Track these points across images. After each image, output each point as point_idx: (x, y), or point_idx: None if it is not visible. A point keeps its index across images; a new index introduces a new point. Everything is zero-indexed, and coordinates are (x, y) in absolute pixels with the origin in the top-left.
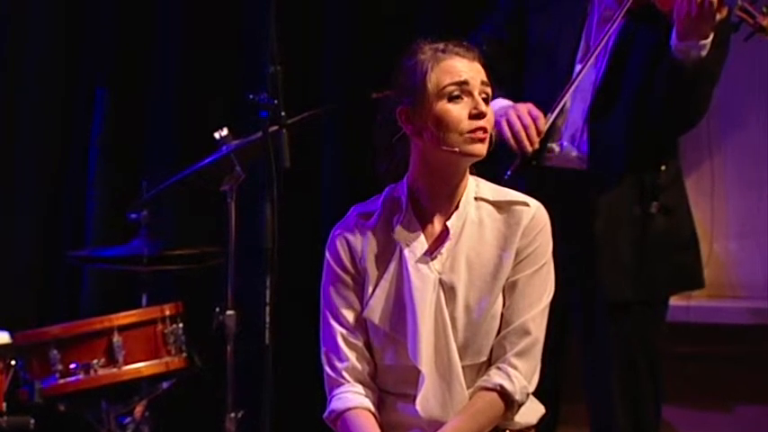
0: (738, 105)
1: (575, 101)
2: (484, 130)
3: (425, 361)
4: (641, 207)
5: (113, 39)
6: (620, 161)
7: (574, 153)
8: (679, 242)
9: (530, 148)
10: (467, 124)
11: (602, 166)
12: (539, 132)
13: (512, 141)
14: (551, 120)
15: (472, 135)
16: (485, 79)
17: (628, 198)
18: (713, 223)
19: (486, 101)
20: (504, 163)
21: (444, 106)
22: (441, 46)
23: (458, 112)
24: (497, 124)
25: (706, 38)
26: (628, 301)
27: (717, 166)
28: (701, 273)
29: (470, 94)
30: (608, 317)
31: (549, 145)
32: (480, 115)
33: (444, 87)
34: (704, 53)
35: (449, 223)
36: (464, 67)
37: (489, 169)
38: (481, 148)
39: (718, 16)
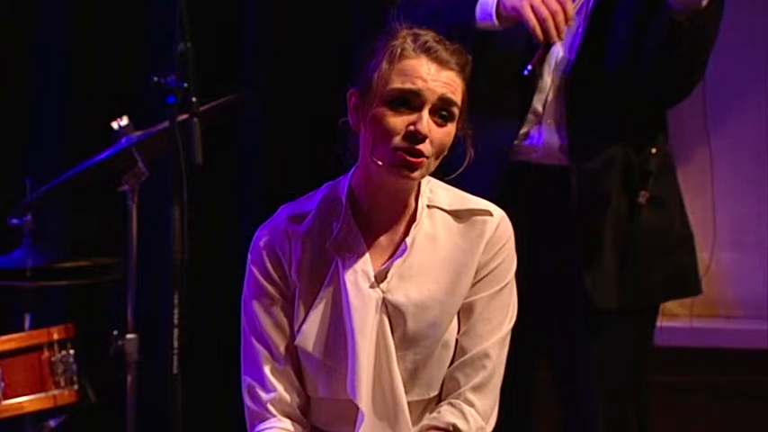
0: (735, 94)
1: (552, 75)
2: (415, 154)
3: (365, 396)
4: (628, 197)
5: None
6: (604, 135)
7: (556, 142)
8: (672, 239)
9: (557, 39)
10: (398, 141)
11: (583, 142)
12: (567, 18)
13: (538, 31)
14: (579, 3)
15: (397, 156)
16: (450, 96)
17: (612, 186)
18: (705, 230)
19: (446, 119)
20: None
21: (384, 111)
22: (420, 38)
23: (395, 123)
24: (516, 10)
25: None
26: (612, 310)
27: (709, 164)
28: (697, 276)
29: (419, 108)
30: (589, 332)
31: (523, 131)
32: (416, 136)
33: (390, 90)
34: (704, 2)
35: (407, 241)
36: (427, 74)
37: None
38: (407, 174)
39: None
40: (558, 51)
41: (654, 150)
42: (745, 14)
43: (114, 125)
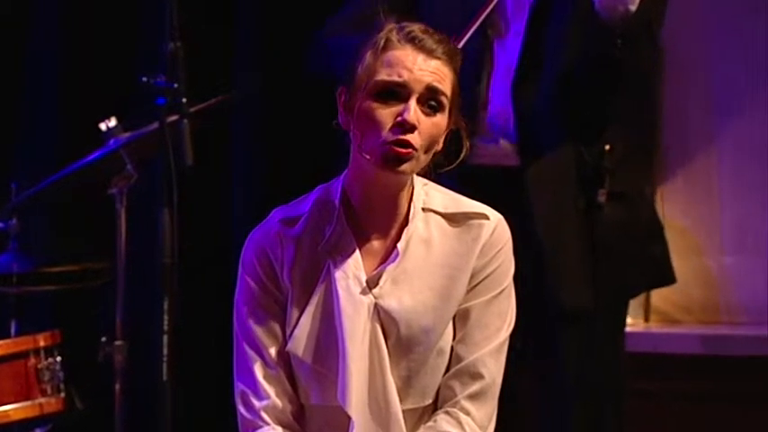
0: (740, 97)
1: (497, 88)
2: (404, 145)
3: (356, 404)
4: (586, 197)
5: None
6: (552, 137)
7: (509, 146)
8: (639, 232)
9: None
10: (386, 133)
11: (532, 145)
12: None
13: None
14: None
15: (387, 150)
16: (437, 85)
17: (570, 188)
18: (706, 234)
19: (435, 109)
20: None
21: (371, 104)
22: (405, 29)
23: (383, 115)
24: None
25: None
26: (584, 310)
27: (712, 166)
28: (669, 265)
29: (406, 99)
30: (562, 334)
31: (476, 136)
32: (403, 126)
33: (376, 82)
34: (633, 7)
35: (399, 245)
36: (413, 64)
37: None
38: (396, 168)
39: None
40: (505, 60)
41: (608, 147)
42: (749, 16)
43: (102, 126)
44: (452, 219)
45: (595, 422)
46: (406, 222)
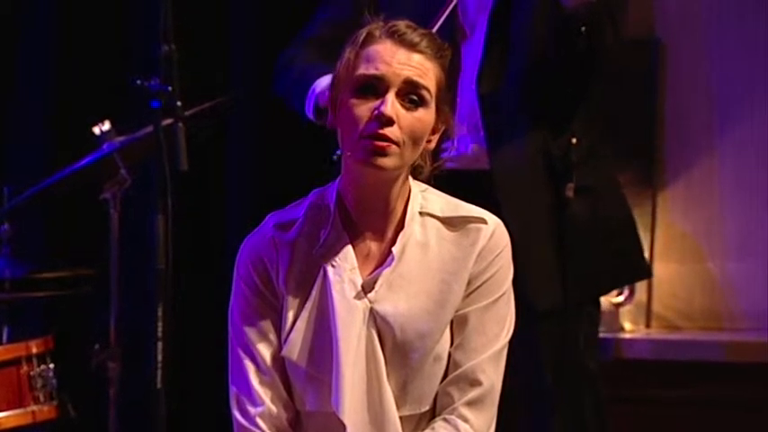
0: (738, 94)
1: (466, 90)
2: (381, 138)
3: (350, 410)
4: (554, 192)
5: None
6: (519, 133)
7: (482, 147)
8: (609, 226)
9: None
10: (364, 128)
11: (500, 142)
12: None
13: None
14: None
15: (366, 144)
16: (417, 79)
17: (537, 183)
18: (707, 239)
19: (416, 104)
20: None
21: (350, 100)
22: (388, 24)
23: (361, 110)
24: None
25: None
26: (556, 309)
27: (713, 169)
28: (642, 259)
29: (384, 93)
30: (538, 333)
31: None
32: (380, 119)
33: (355, 77)
34: None
35: (395, 249)
36: (391, 58)
37: None
38: (378, 162)
39: None
40: (471, 59)
41: (574, 141)
42: (749, 16)
43: (96, 130)
44: (450, 223)
45: (577, 422)
46: (402, 226)
